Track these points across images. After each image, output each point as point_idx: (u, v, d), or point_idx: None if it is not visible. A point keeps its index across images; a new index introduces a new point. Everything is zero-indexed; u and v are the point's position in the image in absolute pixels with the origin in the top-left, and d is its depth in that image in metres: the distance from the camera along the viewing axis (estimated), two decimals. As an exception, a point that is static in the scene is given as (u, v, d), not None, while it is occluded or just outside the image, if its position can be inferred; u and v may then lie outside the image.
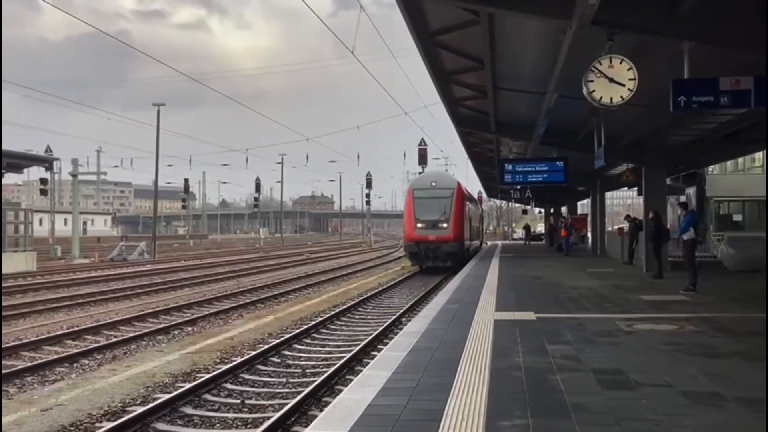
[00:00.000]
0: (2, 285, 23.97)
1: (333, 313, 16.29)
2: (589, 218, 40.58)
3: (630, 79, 8.85)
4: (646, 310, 11.41)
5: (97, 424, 7.58)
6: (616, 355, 7.52)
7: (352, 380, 7.85)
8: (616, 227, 41.00)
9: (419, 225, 28.61)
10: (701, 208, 28.57)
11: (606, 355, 7.52)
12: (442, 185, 29.82)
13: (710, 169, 31.72)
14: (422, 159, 47.42)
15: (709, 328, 9.30)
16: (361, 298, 19.51)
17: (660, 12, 8.93)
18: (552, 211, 53.11)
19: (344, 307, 17.48)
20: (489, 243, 55.09)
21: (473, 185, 66.04)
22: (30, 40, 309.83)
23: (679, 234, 15.78)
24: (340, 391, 8.12)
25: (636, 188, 32.61)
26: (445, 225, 28.40)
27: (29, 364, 11.00)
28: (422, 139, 46.65)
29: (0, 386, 8.42)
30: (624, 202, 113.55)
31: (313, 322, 14.78)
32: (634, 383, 6.15)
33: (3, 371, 10.39)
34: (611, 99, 8.94)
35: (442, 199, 28.99)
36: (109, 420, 7.73)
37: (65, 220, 72.93)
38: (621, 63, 8.86)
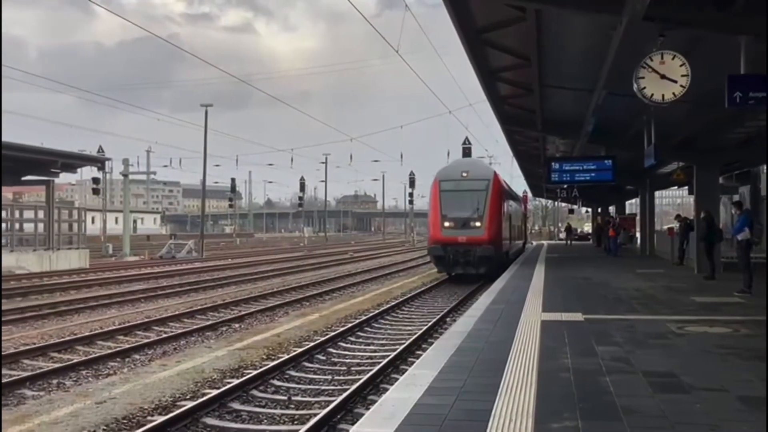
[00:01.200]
0: (58, 281, 24.83)
1: (377, 311, 16.34)
2: (637, 218, 39.76)
3: (682, 75, 8.66)
4: (698, 312, 11.11)
5: (149, 418, 7.76)
6: (667, 357, 7.34)
7: (397, 379, 7.86)
8: (665, 227, 40.07)
9: (446, 224, 24.07)
10: (756, 208, 27.68)
11: (657, 357, 7.35)
12: (476, 175, 24.93)
13: (766, 167, 30.69)
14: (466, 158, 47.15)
15: (765, 331, 9.00)
16: (405, 297, 19.51)
17: (715, 5, 8.68)
18: (599, 210, 52.21)
19: (388, 306, 17.51)
20: (534, 243, 54.51)
21: (518, 184, 65.51)
22: (86, 45, 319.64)
23: (733, 234, 15.33)
24: (386, 389, 8.15)
25: (687, 187, 31.80)
26: (478, 224, 23.84)
27: (84, 358, 11.33)
28: (466, 137, 46.36)
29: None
30: (674, 202, 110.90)
31: (357, 321, 14.86)
32: (688, 387, 6.00)
33: (60, 365, 10.75)
34: (663, 96, 8.76)
35: (475, 192, 24.27)
36: (160, 414, 7.91)
37: (116, 218, 74.89)
38: (673, 59, 8.67)
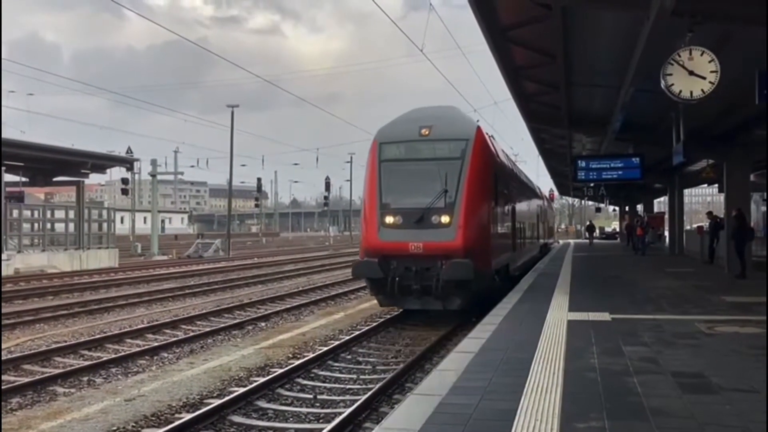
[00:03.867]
0: (89, 280, 25.24)
1: (402, 311, 16.31)
2: (666, 216, 39.22)
3: (711, 72, 8.49)
4: (729, 311, 10.94)
5: (177, 415, 7.86)
6: (697, 357, 7.24)
7: (422, 378, 7.87)
8: (695, 225, 39.45)
9: (389, 219, 13.78)
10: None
11: (686, 357, 7.26)
12: (444, 133, 14.26)
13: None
14: (492, 156, 46.74)
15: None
16: (431, 296, 19.43)
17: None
18: (627, 209, 51.63)
19: (414, 305, 17.46)
20: (561, 242, 54.03)
21: (545, 182, 64.86)
22: (118, 49, 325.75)
23: (764, 233, 15.05)
24: (411, 388, 8.15)
25: (717, 185, 31.29)
26: (445, 219, 13.43)
27: (113, 355, 11.51)
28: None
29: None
30: (704, 200, 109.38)
31: (382, 320, 14.86)
32: (717, 387, 5.91)
33: (90, 362, 10.94)
34: (691, 93, 8.61)
35: (442, 164, 13.93)
36: (187, 411, 8.00)
37: (145, 218, 75.97)
38: (702, 55, 8.51)
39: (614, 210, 69.62)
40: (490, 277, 14.34)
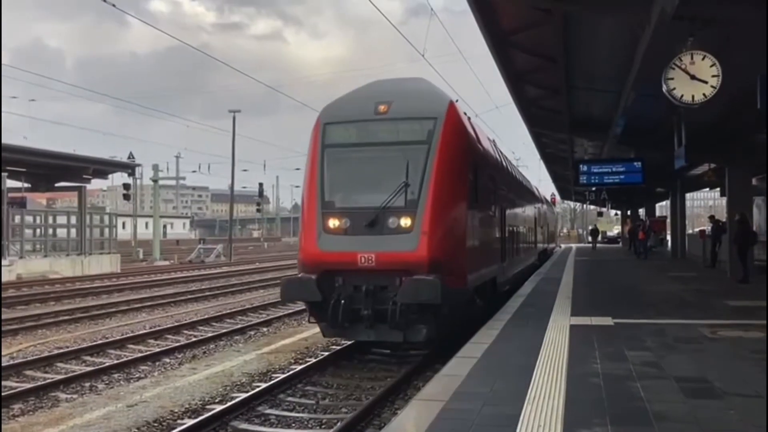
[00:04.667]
0: (91, 285, 25.24)
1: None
2: (668, 220, 39.20)
3: (713, 76, 8.50)
4: (731, 316, 10.91)
5: (179, 421, 7.84)
6: (700, 362, 7.23)
7: (424, 384, 7.84)
8: (697, 229, 39.44)
9: (332, 223, 10.38)
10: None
11: (689, 362, 7.24)
12: (407, 111, 10.80)
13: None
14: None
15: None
16: (433, 301, 19.38)
17: (748, 2, 8.51)
18: (629, 213, 51.59)
19: (416, 309, 17.43)
20: (563, 246, 54.01)
21: (547, 187, 64.83)
22: (121, 55, 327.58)
23: (767, 236, 15.03)
24: (413, 394, 8.13)
25: (719, 189, 31.25)
26: (406, 222, 10.04)
27: (115, 361, 11.51)
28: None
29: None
30: (705, 204, 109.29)
31: (385, 325, 14.82)
32: (721, 392, 5.89)
33: (92, 368, 10.93)
34: (693, 97, 8.61)
35: (403, 150, 10.64)
36: (190, 417, 7.98)
37: (146, 223, 75.86)
38: (703, 59, 8.52)
39: (616, 214, 69.56)
40: (466, 297, 10.79)
